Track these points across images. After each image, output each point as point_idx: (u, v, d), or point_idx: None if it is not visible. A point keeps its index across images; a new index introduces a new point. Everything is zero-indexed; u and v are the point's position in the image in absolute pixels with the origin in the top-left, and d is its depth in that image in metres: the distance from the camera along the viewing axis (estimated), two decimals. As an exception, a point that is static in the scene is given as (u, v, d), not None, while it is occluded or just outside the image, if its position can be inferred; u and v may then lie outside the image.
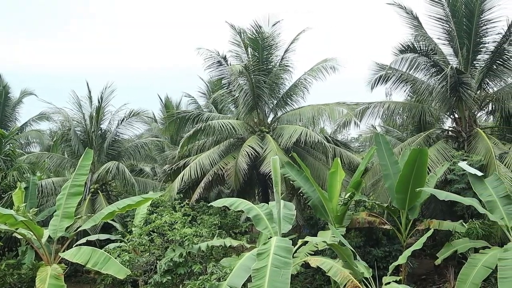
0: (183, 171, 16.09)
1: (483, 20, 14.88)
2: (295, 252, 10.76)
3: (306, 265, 10.94)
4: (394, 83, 16.82)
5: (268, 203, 12.08)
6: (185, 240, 10.64)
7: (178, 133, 20.28)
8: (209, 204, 13.42)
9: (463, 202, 11.20)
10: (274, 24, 16.85)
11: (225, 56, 17.52)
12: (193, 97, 27.69)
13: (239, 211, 12.24)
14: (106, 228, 16.05)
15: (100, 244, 13.79)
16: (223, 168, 15.88)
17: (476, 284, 9.58)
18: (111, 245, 12.47)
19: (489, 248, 10.61)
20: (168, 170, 17.91)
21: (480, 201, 11.23)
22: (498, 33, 14.83)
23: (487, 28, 15.01)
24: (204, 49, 17.35)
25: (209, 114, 17.87)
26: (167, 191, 16.12)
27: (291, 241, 8.71)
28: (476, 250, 11.07)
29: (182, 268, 10.46)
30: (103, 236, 14.05)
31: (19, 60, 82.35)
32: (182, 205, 12.91)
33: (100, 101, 19.46)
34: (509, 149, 14.25)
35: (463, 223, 11.98)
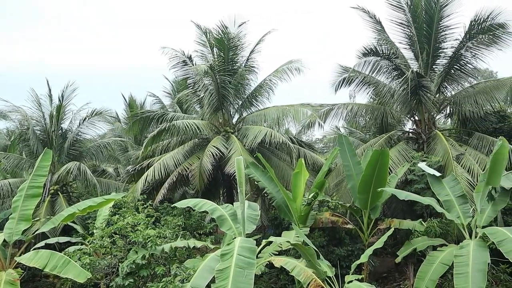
0: (146, 172, 15.83)
1: (442, 26, 15.40)
2: (260, 252, 10.77)
3: (270, 265, 10.99)
4: (358, 85, 17.16)
5: (232, 204, 12.08)
6: (148, 241, 10.48)
7: (142, 133, 19.97)
8: (173, 205, 13.28)
9: (422, 202, 11.52)
10: (240, 25, 16.87)
11: (191, 56, 17.42)
12: (158, 97, 27.33)
13: (203, 212, 12.17)
14: (66, 230, 15.59)
15: (60, 247, 13.41)
16: (188, 168, 15.75)
17: (433, 280, 9.88)
18: (71, 248, 12.11)
19: (446, 245, 10.95)
20: (132, 171, 17.59)
21: (438, 200, 11.57)
22: (456, 39, 15.40)
23: (445, 34, 15.54)
24: (169, 49, 17.19)
25: (174, 114, 17.70)
26: (130, 192, 15.83)
27: (255, 241, 8.74)
28: (434, 248, 11.38)
29: (144, 270, 10.31)
30: (63, 239, 13.66)
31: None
32: (145, 206, 12.70)
33: (60, 99, 18.87)
34: (466, 150, 14.79)
35: (422, 222, 12.32)
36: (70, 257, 9.99)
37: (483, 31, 14.69)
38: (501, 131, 16.18)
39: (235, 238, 9.63)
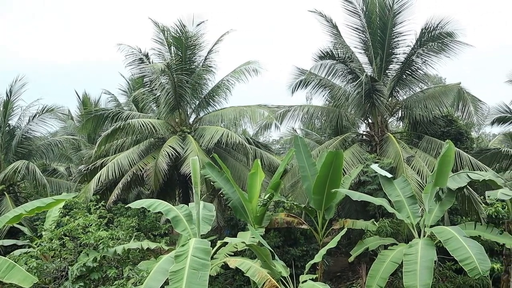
0: (100, 171, 15.41)
1: (395, 32, 15.90)
2: (215, 253, 10.73)
3: (226, 266, 10.95)
4: (314, 88, 17.46)
5: (188, 204, 11.95)
6: (100, 243, 10.15)
7: (96, 131, 19.36)
8: (127, 206, 12.98)
9: (374, 202, 11.83)
10: (198, 24, 16.72)
11: (148, 53, 17.11)
12: (113, 95, 26.67)
13: (158, 212, 11.97)
14: (12, 233, 14.86)
15: (5, 251, 12.75)
16: (143, 168, 15.45)
17: (384, 278, 10.18)
18: (17, 252, 11.54)
19: (397, 244, 11.30)
20: (84, 170, 17.05)
21: (389, 201, 11.93)
22: (408, 46, 15.93)
23: (398, 40, 16.07)
24: (125, 46, 16.83)
25: (129, 113, 17.27)
26: (82, 192, 15.36)
27: (209, 242, 8.67)
28: (385, 247, 11.75)
29: (96, 273, 9.97)
30: (8, 242, 12.99)
31: None
32: (97, 207, 12.32)
33: (8, 95, 18.02)
34: (416, 153, 15.36)
35: (375, 222, 12.68)
36: (15, 261, 9.49)
37: (433, 39, 15.30)
38: (449, 135, 16.94)
39: (190, 239, 9.53)
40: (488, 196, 12.40)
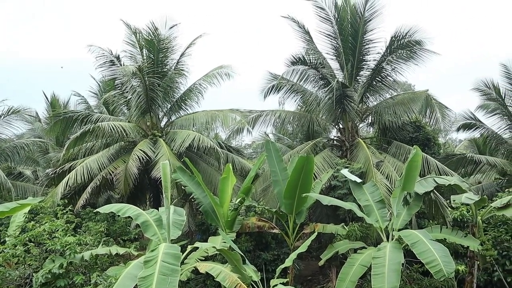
0: (68, 175, 15.07)
1: (366, 40, 16.20)
2: (185, 258, 10.63)
3: (197, 271, 10.88)
4: (286, 93, 17.56)
5: (159, 209, 11.81)
6: (67, 249, 9.93)
7: (64, 134, 18.94)
8: (95, 210, 12.72)
9: (344, 207, 11.97)
10: (171, 27, 16.66)
11: (119, 56, 16.89)
12: (83, 97, 26.14)
13: (128, 217, 11.79)
14: (-26, 239, 14.35)
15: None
16: (113, 172, 15.22)
17: (353, 281, 10.29)
18: (-21, 258, 11.15)
19: (366, 248, 11.45)
20: (52, 174, 16.63)
21: (359, 205, 12.08)
22: (378, 53, 16.25)
23: (369, 47, 16.37)
24: (96, 47, 16.58)
25: (99, 115, 16.99)
26: (49, 197, 14.98)
27: (179, 247, 8.60)
28: (355, 251, 11.87)
29: (62, 280, 9.73)
30: (-31, 248, 12.51)
31: None
32: (65, 211, 12.03)
33: (-28, 96, 17.44)
34: (385, 158, 15.66)
35: (345, 226, 12.82)
36: (-24, 269, 9.19)
37: (402, 47, 15.65)
38: (417, 140, 17.37)
39: (160, 244, 9.42)
40: (454, 200, 12.79)
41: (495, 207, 12.40)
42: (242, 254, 9.75)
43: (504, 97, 17.91)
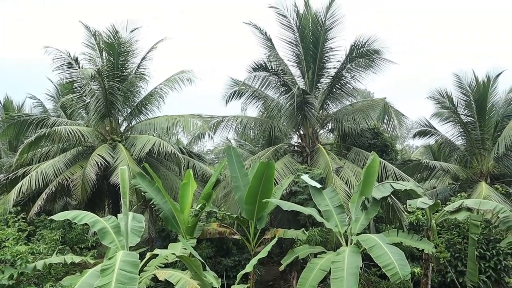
0: (21, 181, 14.48)
1: (326, 47, 16.54)
2: (145, 265, 10.42)
3: (157, 279, 10.68)
4: (248, 99, 17.66)
5: (117, 216, 11.53)
6: (18, 259, 9.52)
7: (18, 138, 18.19)
8: (49, 218, 12.28)
9: (304, 212, 12.10)
10: (132, 30, 16.38)
11: (77, 58, 16.42)
12: (39, 100, 25.18)
13: (85, 224, 11.44)
14: None
15: None
16: (69, 178, 14.75)
17: (313, 286, 10.39)
18: None
19: (325, 252, 11.60)
20: (4, 180, 15.96)
21: (319, 210, 12.25)
22: (338, 61, 16.61)
23: (329, 55, 16.71)
24: (53, 49, 16.04)
25: (56, 119, 16.43)
26: (0, 204, 14.32)
27: (138, 255, 8.40)
28: (315, 255, 11.99)
29: (12, 291, 9.34)
30: None
31: None
32: (17, 219, 11.54)
33: None
34: (344, 163, 15.97)
35: (305, 231, 12.96)
36: None
37: (361, 55, 16.07)
38: (375, 147, 17.84)
39: (118, 252, 9.19)
40: (409, 205, 13.20)
41: (448, 211, 12.89)
42: (203, 260, 9.65)
43: (457, 105, 18.69)
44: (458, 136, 19.51)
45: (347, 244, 11.32)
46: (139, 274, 7.96)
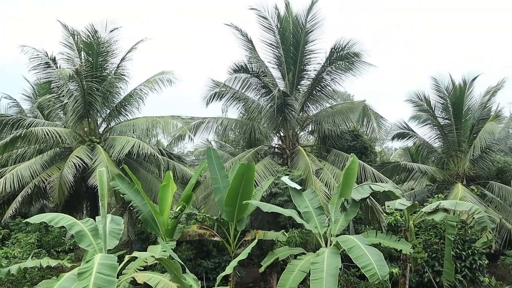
0: (-4, 183, 14.15)
1: (307, 50, 16.66)
2: (123, 268, 10.30)
3: (135, 281, 10.57)
4: (228, 100, 17.65)
5: (95, 218, 11.36)
6: (-9, 263, 9.32)
7: (-8, 139, 17.78)
8: (25, 221, 12.04)
9: (284, 214, 12.15)
10: (112, 30, 16.18)
11: (55, 58, 16.14)
12: (15, 100, 24.63)
13: (62, 227, 11.25)
14: None
15: None
16: (46, 180, 14.46)
17: (293, 287, 10.44)
18: None
19: (305, 254, 11.67)
20: (-23, 182, 15.52)
21: (299, 212, 12.32)
22: (318, 63, 16.76)
23: (310, 58, 16.85)
24: (29, 48, 15.73)
25: (33, 120, 16.10)
26: (-27, 207, 14.00)
27: (116, 257, 8.30)
28: (295, 257, 12.04)
29: (-15, 296, 9.11)
30: None
31: None
32: (-9, 222, 11.30)
33: None
34: (324, 165, 16.09)
35: (285, 233, 12.99)
36: None
37: (341, 58, 16.24)
38: (355, 149, 18.02)
39: (96, 255, 9.06)
40: (388, 206, 13.36)
41: (426, 212, 13.10)
42: (182, 263, 9.58)
43: (434, 108, 19.03)
44: (436, 139, 19.88)
45: (326, 245, 11.39)
46: (117, 277, 7.87)
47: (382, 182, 14.84)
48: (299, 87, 17.14)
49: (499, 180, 19.54)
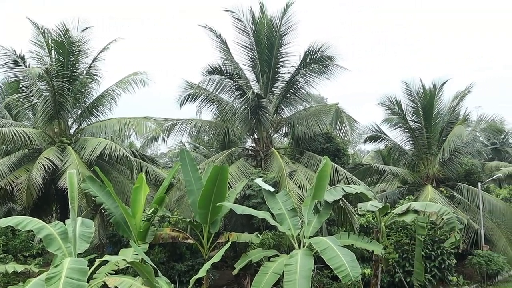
0: (-40, 186, 13.67)
1: (281, 53, 16.76)
2: (94, 273, 10.09)
3: (106, 286, 10.36)
4: (202, 102, 17.58)
5: (65, 222, 11.10)
6: (-48, 269, 8.95)
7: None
8: (-11, 225, 11.62)
9: (257, 216, 12.17)
10: (84, 30, 15.85)
11: (24, 56, 15.74)
12: (-19, 100, 23.90)
13: (30, 231, 10.92)
14: None
15: None
16: (14, 182, 14.06)
17: (266, 289, 10.46)
18: None
19: (279, 256, 11.71)
20: None
21: (272, 214, 12.36)
22: (292, 66, 16.90)
23: (284, 60, 16.96)
24: (-3, 45, 15.26)
25: (-1, 120, 15.66)
26: None
27: (86, 261, 8.13)
28: (268, 259, 12.07)
29: None
30: None
31: None
32: (-47, 226, 10.84)
33: None
34: (298, 167, 16.19)
35: (258, 235, 13.02)
36: None
37: (315, 61, 16.41)
38: (328, 151, 18.19)
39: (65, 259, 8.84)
40: (360, 208, 13.57)
41: (397, 214, 13.35)
42: (155, 266, 9.46)
43: (406, 112, 19.43)
44: (407, 141, 20.29)
45: (299, 247, 11.46)
46: (87, 282, 7.72)
47: (354, 184, 15.04)
48: (273, 89, 17.21)
49: (467, 182, 20.10)
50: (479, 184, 19.05)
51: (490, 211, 19.21)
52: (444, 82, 19.15)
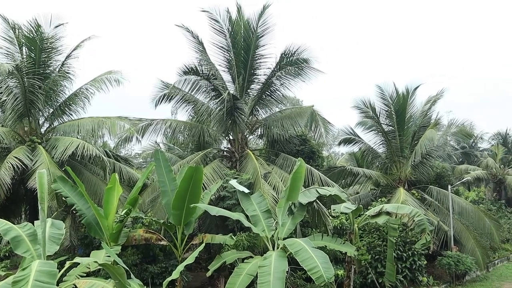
0: None
1: (257, 54, 16.78)
2: (64, 275, 9.87)
3: (77, 289, 10.15)
4: (178, 102, 17.44)
5: (34, 223, 10.82)
6: None
7: None
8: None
9: (232, 217, 12.13)
10: (57, 26, 15.50)
11: (-9, 52, 15.24)
12: None
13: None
14: None
15: None
16: (-20, 182, 13.59)
17: (240, 291, 10.44)
18: None
19: (253, 257, 11.71)
20: None
21: (247, 215, 12.35)
22: (268, 68, 16.94)
23: (260, 62, 16.98)
24: (-38, 41, 14.77)
25: (-34, 118, 15.15)
26: None
27: (56, 264, 7.93)
28: (242, 260, 12.08)
29: None
30: None
31: None
32: None
33: None
34: (273, 169, 16.24)
35: (233, 236, 13.00)
36: None
37: (291, 63, 16.51)
38: (303, 153, 18.34)
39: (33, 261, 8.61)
40: (334, 210, 13.70)
41: (369, 215, 13.56)
42: (127, 268, 9.31)
43: (379, 115, 19.76)
44: (380, 144, 20.64)
45: (274, 249, 11.50)
46: (57, 285, 7.56)
47: (328, 186, 15.19)
48: (249, 91, 17.22)
49: (438, 184, 20.61)
50: (449, 187, 19.56)
51: (460, 213, 19.73)
52: (417, 87, 19.59)
